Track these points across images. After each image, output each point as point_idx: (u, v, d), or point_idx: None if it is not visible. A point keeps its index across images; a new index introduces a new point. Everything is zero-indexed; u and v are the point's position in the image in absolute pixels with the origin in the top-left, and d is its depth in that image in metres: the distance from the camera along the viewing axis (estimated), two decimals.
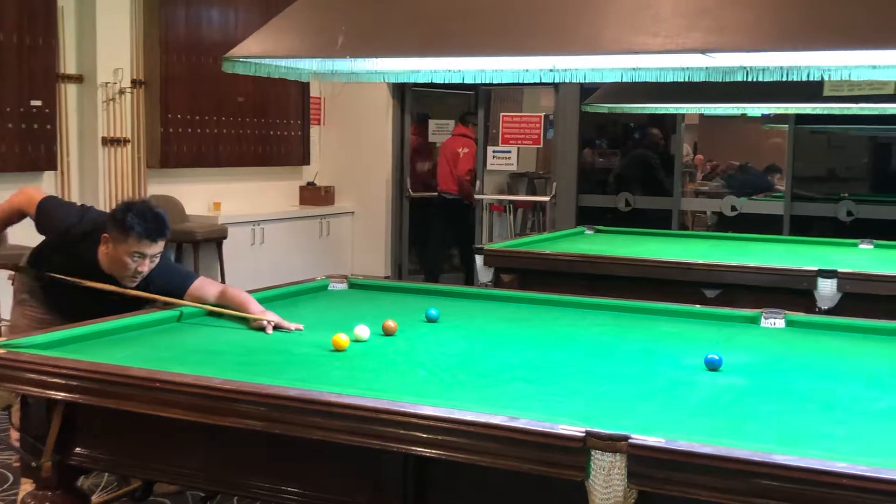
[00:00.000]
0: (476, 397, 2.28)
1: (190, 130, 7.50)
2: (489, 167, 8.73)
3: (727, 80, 2.72)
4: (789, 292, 4.03)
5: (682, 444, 1.85)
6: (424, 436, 2.04)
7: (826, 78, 2.59)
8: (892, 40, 2.27)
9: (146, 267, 3.21)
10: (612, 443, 1.86)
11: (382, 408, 2.08)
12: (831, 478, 1.71)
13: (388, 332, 2.97)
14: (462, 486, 2.19)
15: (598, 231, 5.92)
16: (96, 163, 6.89)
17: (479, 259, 4.65)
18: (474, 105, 9.19)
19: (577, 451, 1.88)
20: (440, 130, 9.37)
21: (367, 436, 2.09)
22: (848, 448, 1.93)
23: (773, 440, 1.96)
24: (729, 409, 2.29)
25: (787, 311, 3.24)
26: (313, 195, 8.82)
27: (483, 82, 3.27)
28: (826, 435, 2.06)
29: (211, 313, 3.20)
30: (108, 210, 3.56)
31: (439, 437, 2.03)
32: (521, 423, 1.97)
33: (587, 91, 6.77)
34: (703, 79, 2.77)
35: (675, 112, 7.47)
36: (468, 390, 2.39)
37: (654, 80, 2.88)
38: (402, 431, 2.06)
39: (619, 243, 5.39)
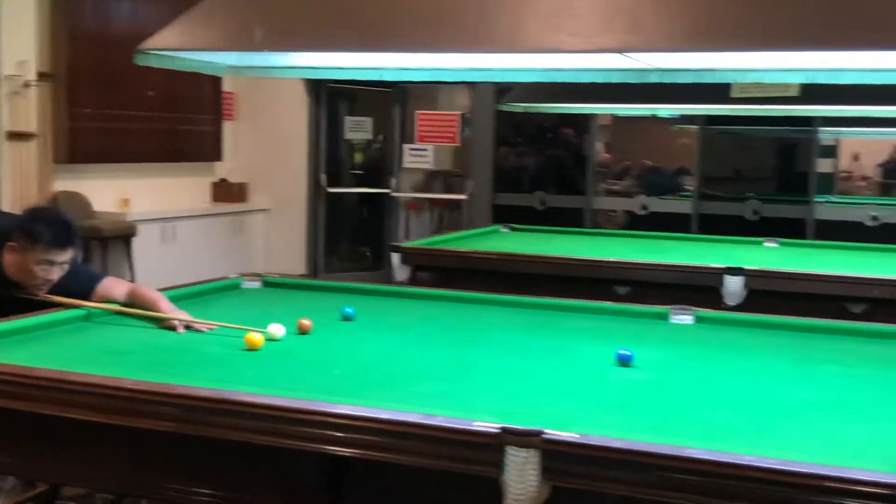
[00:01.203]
0: (392, 396, 2.27)
1: (98, 125, 7.30)
2: (405, 165, 8.72)
3: (642, 81, 2.77)
4: (697, 289, 4.11)
5: (596, 439, 1.88)
6: (340, 435, 2.03)
7: (736, 80, 2.66)
8: (798, 42, 2.34)
9: (55, 275, 3.13)
10: (526, 438, 1.87)
11: (297, 407, 2.06)
12: (739, 470, 1.75)
13: (303, 331, 2.94)
14: (378, 485, 2.18)
15: (513, 229, 5.96)
16: (0, 158, 6.66)
17: (395, 257, 4.64)
18: (391, 102, 9.17)
19: (492, 447, 1.89)
20: (357, 128, 9.33)
21: (281, 436, 2.06)
22: (755, 441, 1.98)
23: (683, 434, 2.00)
24: (641, 404, 2.33)
25: (695, 308, 3.31)
26: (226, 192, 8.69)
27: (401, 80, 3.26)
28: (734, 429, 2.11)
29: (120, 313, 3.12)
30: (11, 208, 3.44)
31: (355, 437, 2.02)
32: (436, 421, 1.97)
33: (503, 90, 6.82)
34: (619, 80, 2.81)
35: (588, 112, 7.59)
36: (384, 389, 2.38)
37: (571, 80, 2.92)
38: (317, 431, 2.04)
39: (534, 241, 5.45)
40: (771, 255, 5.07)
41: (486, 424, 1.92)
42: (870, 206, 7.93)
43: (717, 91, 4.54)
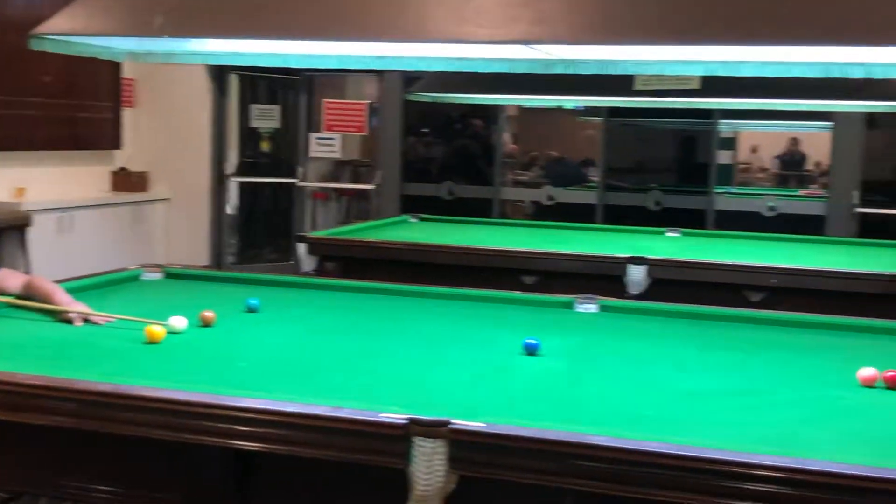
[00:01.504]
0: (298, 388, 2.24)
1: None
2: (312, 154, 8.64)
3: (548, 72, 2.79)
4: (602, 278, 4.18)
5: (503, 428, 1.89)
6: (245, 429, 1.99)
7: (639, 72, 2.70)
8: (698, 36, 2.38)
9: None
10: (433, 429, 1.87)
11: (199, 401, 2.02)
12: (644, 457, 1.79)
13: (205, 323, 2.88)
14: (285, 479, 2.15)
15: (421, 219, 5.96)
16: None
17: (302, 247, 4.60)
18: (297, 91, 9.07)
19: (400, 438, 1.88)
20: (263, 116, 9.19)
21: (183, 431, 2.02)
22: (659, 428, 2.01)
23: (589, 422, 2.02)
24: (547, 393, 2.35)
25: (600, 297, 3.35)
26: (126, 181, 8.45)
27: (306, 67, 3.22)
28: (639, 416, 2.15)
29: (14, 305, 3.01)
30: None
31: (260, 430, 1.99)
32: (343, 413, 1.95)
33: (411, 80, 6.81)
34: (524, 70, 2.83)
35: (495, 103, 7.63)
36: (290, 381, 2.35)
37: (478, 70, 2.92)
38: (221, 425, 2.00)
39: (442, 231, 5.45)
40: (673, 245, 5.18)
41: (393, 416, 1.91)
42: (767, 197, 8.18)
43: (621, 83, 4.62)
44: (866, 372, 2.44)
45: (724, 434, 1.99)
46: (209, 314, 2.89)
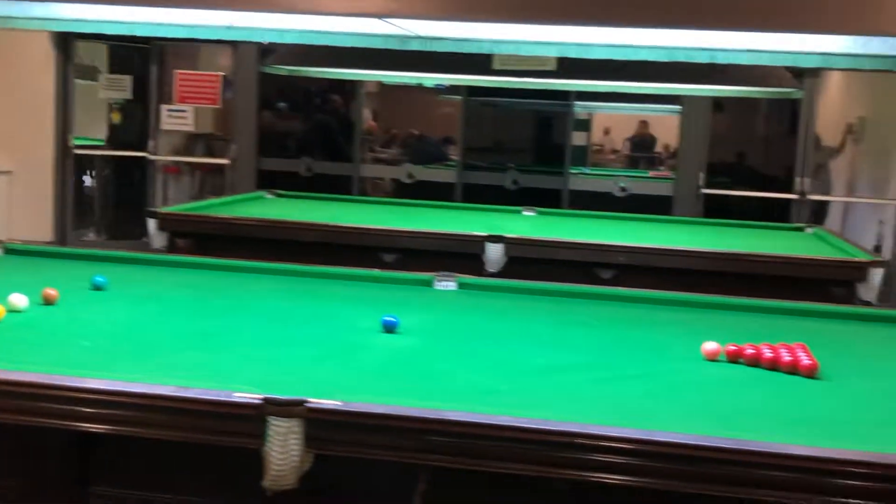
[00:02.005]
0: (145, 368, 2.16)
1: None
2: (163, 127, 8.36)
3: (405, 48, 2.78)
4: (461, 256, 4.21)
5: (358, 406, 1.88)
6: (88, 411, 1.92)
7: (495, 51, 2.72)
8: (553, 16, 2.41)
9: None
10: (288, 408, 1.84)
11: (40, 382, 1.93)
12: (499, 431, 1.81)
13: (48, 301, 2.75)
14: (133, 462, 2.08)
15: (278, 195, 5.86)
16: None
17: (152, 223, 4.44)
18: (147, 61, 8.73)
19: (254, 418, 1.84)
20: (114, 86, 8.82)
21: (23, 413, 1.93)
22: (512, 402, 2.04)
23: (445, 398, 2.03)
24: (404, 370, 2.35)
25: (458, 275, 3.38)
26: None
27: (156, 36, 3.10)
28: (492, 391, 2.17)
29: None
30: None
31: (105, 412, 1.92)
32: (193, 393, 1.90)
33: (267, 52, 6.67)
34: (382, 46, 2.81)
35: (354, 78, 7.56)
36: (137, 361, 2.27)
37: (335, 43, 2.88)
38: (63, 407, 1.92)
39: (300, 208, 5.38)
40: (529, 224, 5.27)
41: (248, 395, 1.87)
42: (619, 178, 8.42)
43: (479, 62, 4.65)
44: (710, 346, 2.54)
45: (575, 407, 2.04)
46: (52, 292, 2.76)
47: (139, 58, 8.80)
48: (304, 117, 9.43)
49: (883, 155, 8.56)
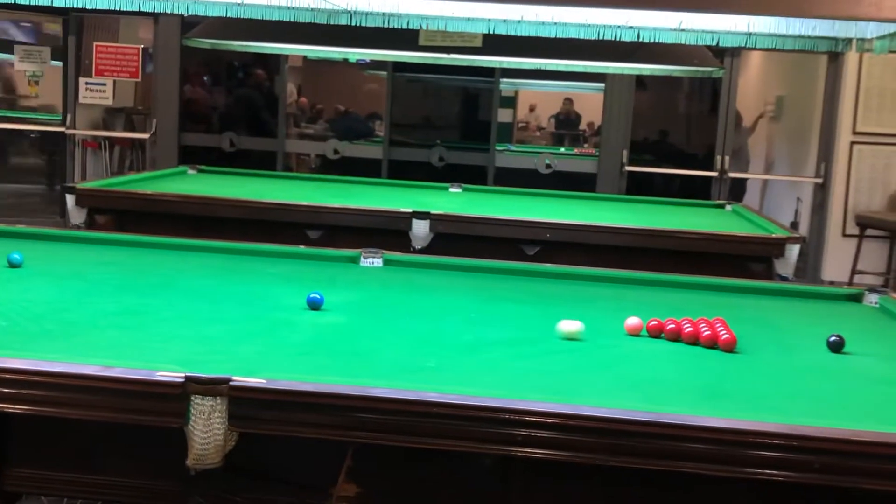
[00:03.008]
0: (65, 347, 2.12)
1: None
2: (81, 100, 8.14)
3: (332, 22, 2.75)
4: (387, 233, 4.20)
5: (284, 384, 1.87)
6: (6, 391, 1.87)
7: (423, 27, 2.70)
8: None
9: None
10: (212, 387, 1.82)
11: None
12: (425, 407, 1.82)
13: None
14: (54, 443, 2.04)
15: (201, 171, 5.76)
16: None
17: (70, 199, 4.33)
18: (64, 32, 8.49)
19: (177, 397, 1.82)
20: (28, 58, 8.55)
21: None
22: (439, 378, 2.05)
23: (371, 374, 2.03)
24: (330, 347, 2.34)
25: (384, 251, 3.37)
26: None
27: (74, 6, 3.01)
28: (419, 367, 2.18)
29: None
30: None
31: (23, 392, 1.87)
32: (115, 373, 1.87)
33: (189, 25, 6.53)
34: (309, 20, 2.77)
35: (278, 52, 7.45)
36: (57, 340, 2.22)
37: (259, 17, 2.83)
38: None
39: (224, 184, 5.30)
40: (455, 200, 5.27)
41: (170, 374, 1.85)
42: (544, 155, 8.48)
43: (405, 38, 4.62)
44: (632, 321, 2.58)
45: (501, 383, 2.05)
46: None
47: (53, 29, 8.55)
48: (227, 91, 9.28)
49: (801, 133, 8.79)
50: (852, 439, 1.76)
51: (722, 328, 2.49)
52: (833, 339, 2.49)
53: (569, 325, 2.49)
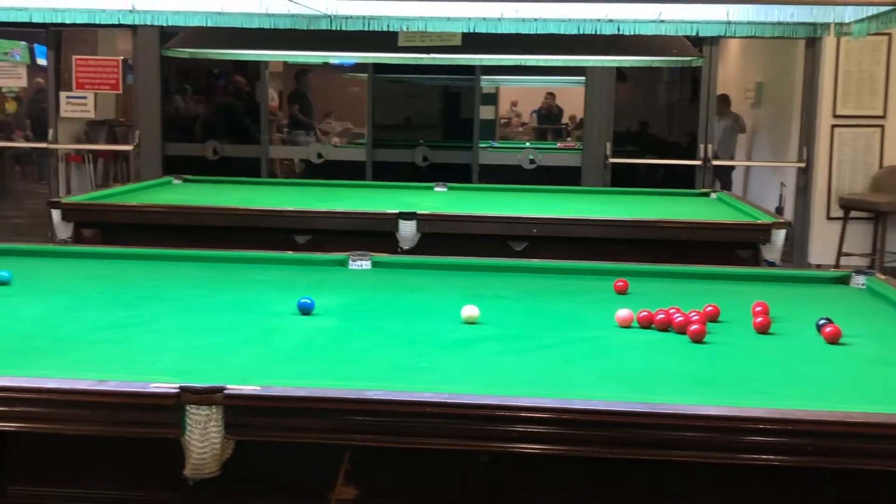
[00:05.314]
0: (58, 363, 2.12)
1: None
2: (63, 114, 8.12)
3: (313, 27, 2.75)
4: (374, 235, 4.21)
5: (278, 390, 1.87)
6: (1, 409, 1.87)
7: (403, 28, 2.71)
8: None
9: None
10: (207, 396, 1.83)
11: None
12: (417, 407, 1.82)
13: None
14: (50, 459, 2.04)
15: (186, 181, 5.76)
16: None
17: (55, 214, 4.32)
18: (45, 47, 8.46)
19: (172, 408, 1.82)
20: (6, 74, 8.52)
21: None
22: (431, 378, 2.06)
23: (364, 377, 2.04)
24: (323, 351, 2.35)
25: (372, 253, 3.38)
26: None
27: (53, 22, 3.00)
28: (412, 368, 2.19)
29: None
30: None
31: (17, 410, 1.87)
32: (109, 386, 1.86)
33: (168, 35, 6.52)
34: (289, 26, 2.77)
35: (259, 59, 7.45)
36: (48, 357, 2.21)
37: (238, 25, 2.83)
38: None
39: (209, 193, 5.30)
40: (440, 200, 5.28)
41: (164, 385, 1.85)
42: (527, 151, 8.49)
43: (384, 40, 4.62)
44: (622, 313, 2.60)
45: (493, 380, 2.06)
46: None
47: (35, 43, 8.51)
48: (208, 100, 9.26)
49: (781, 119, 8.84)
50: (845, 420, 1.78)
51: (760, 310, 2.58)
52: (822, 322, 2.51)
53: (468, 311, 2.57)
